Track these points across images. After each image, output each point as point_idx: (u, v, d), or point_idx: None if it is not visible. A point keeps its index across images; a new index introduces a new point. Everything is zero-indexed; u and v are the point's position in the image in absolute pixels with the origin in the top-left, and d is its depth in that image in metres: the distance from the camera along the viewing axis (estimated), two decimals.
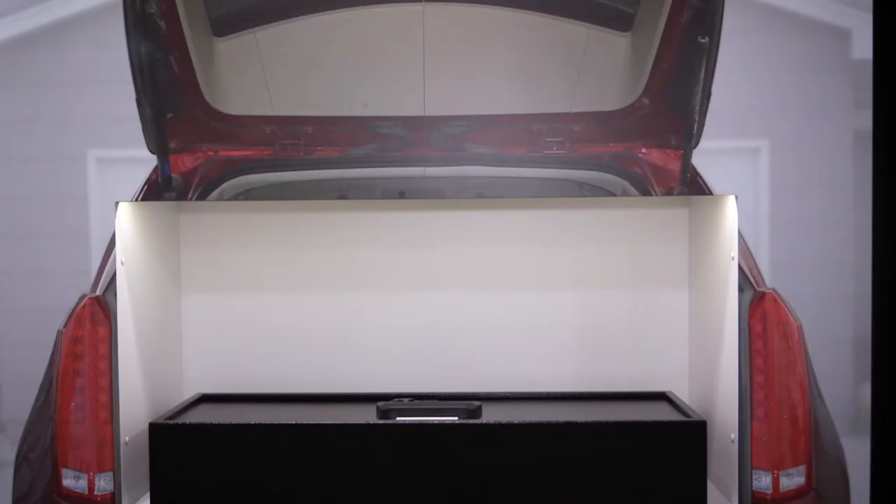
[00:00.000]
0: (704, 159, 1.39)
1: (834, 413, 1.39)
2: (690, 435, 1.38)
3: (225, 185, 1.43)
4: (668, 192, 1.41)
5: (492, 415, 1.45)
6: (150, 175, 1.41)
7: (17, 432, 1.41)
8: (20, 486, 1.40)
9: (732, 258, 1.39)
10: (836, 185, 1.39)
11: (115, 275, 1.40)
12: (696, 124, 1.38)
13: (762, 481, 1.37)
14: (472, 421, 1.40)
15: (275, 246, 1.68)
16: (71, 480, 1.38)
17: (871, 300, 1.40)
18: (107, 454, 1.38)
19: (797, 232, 1.39)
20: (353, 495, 1.38)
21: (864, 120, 1.40)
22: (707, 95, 1.37)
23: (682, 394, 1.65)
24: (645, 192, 1.41)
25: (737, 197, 1.38)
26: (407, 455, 1.37)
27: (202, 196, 1.42)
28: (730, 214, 1.40)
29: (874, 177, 1.39)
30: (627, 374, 1.67)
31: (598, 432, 1.37)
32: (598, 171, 1.42)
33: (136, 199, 1.41)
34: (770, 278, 1.38)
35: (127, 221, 1.45)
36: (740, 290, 1.38)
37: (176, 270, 1.67)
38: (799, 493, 1.37)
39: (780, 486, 1.36)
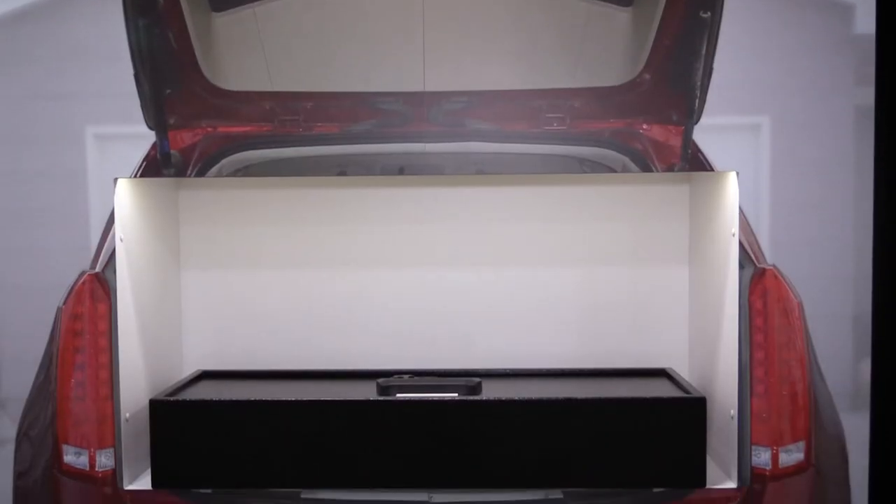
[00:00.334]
0: (706, 135, 1.38)
1: (833, 390, 1.39)
2: (690, 411, 1.38)
3: (224, 161, 1.42)
4: (669, 169, 1.40)
5: (492, 391, 1.45)
6: (149, 151, 1.40)
7: (17, 409, 1.41)
8: (21, 462, 1.41)
9: (733, 234, 1.39)
10: (838, 161, 1.38)
11: (114, 251, 1.40)
12: (697, 100, 1.37)
13: (761, 457, 1.37)
14: (472, 397, 1.40)
15: (274, 222, 1.68)
16: (72, 457, 1.38)
17: (872, 277, 1.39)
18: (107, 430, 1.39)
19: (798, 208, 1.39)
20: (353, 471, 1.38)
21: (867, 96, 1.39)
22: (709, 71, 1.37)
23: (682, 370, 1.66)
24: (646, 168, 1.40)
25: (738, 173, 1.38)
26: (407, 431, 1.38)
27: (201, 172, 1.42)
28: (731, 191, 1.40)
29: (876, 153, 1.39)
30: (627, 351, 1.67)
31: (597, 409, 1.38)
32: (599, 147, 1.41)
33: (135, 176, 1.41)
34: (770, 255, 1.38)
35: (126, 198, 1.44)
36: (741, 266, 1.38)
37: (175, 247, 1.67)
38: (798, 468, 1.37)
39: (780, 461, 1.37)
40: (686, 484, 1.38)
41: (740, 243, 1.38)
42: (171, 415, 1.40)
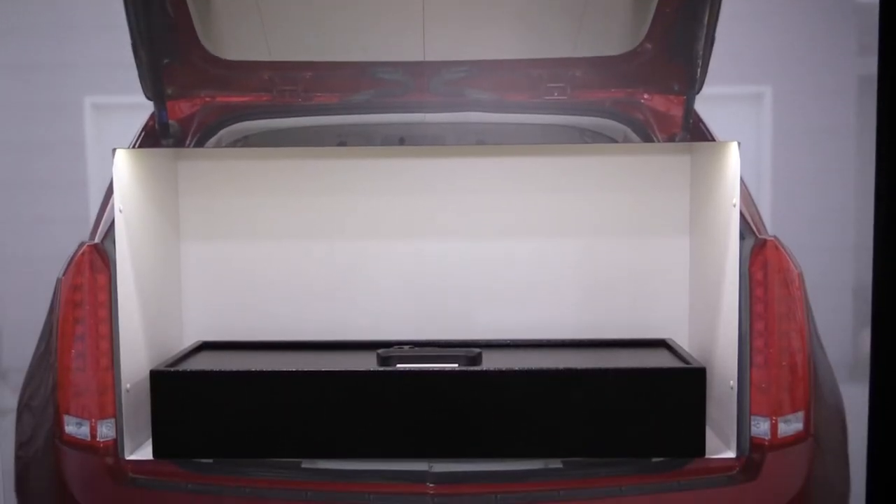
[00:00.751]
0: (707, 105, 1.37)
1: (833, 360, 1.39)
2: (690, 382, 1.38)
3: (223, 131, 1.42)
4: (671, 139, 1.39)
5: (492, 362, 1.45)
6: (147, 122, 1.40)
7: (17, 380, 1.41)
8: (23, 432, 1.41)
9: (734, 205, 1.39)
10: (840, 131, 1.37)
11: (113, 222, 1.40)
12: (699, 70, 1.37)
13: (760, 427, 1.38)
14: (472, 368, 1.40)
15: (274, 193, 1.68)
16: (73, 427, 1.39)
17: (873, 247, 1.39)
18: (108, 401, 1.39)
19: (799, 179, 1.38)
20: (353, 441, 1.39)
21: (869, 66, 1.38)
22: (710, 40, 1.36)
23: (682, 341, 1.66)
24: (647, 138, 1.40)
25: (739, 143, 1.37)
26: (407, 402, 1.38)
27: (200, 143, 1.41)
28: (732, 161, 1.40)
29: (878, 123, 1.38)
30: (627, 322, 1.67)
31: (597, 379, 1.38)
32: (600, 117, 1.41)
33: (134, 147, 1.40)
34: (771, 225, 1.38)
35: (124, 169, 1.44)
36: (741, 237, 1.38)
37: (175, 218, 1.67)
38: (797, 438, 1.38)
39: (779, 431, 1.37)
40: (685, 454, 1.38)
41: (741, 214, 1.38)
42: (172, 385, 1.40)
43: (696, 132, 1.38)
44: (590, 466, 1.39)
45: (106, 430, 1.39)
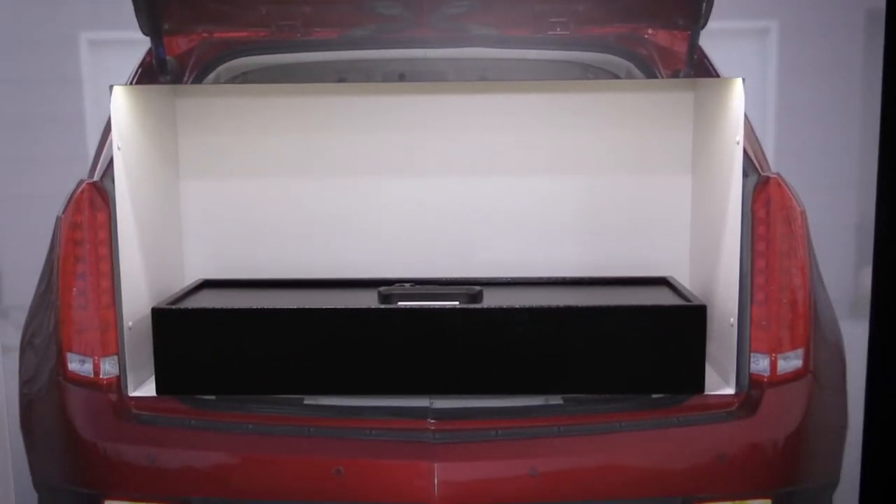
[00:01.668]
0: (712, 41, 1.35)
1: (834, 297, 1.39)
2: (690, 319, 1.39)
3: (221, 67, 1.40)
4: (674, 75, 1.38)
5: (493, 299, 1.45)
6: (145, 58, 1.38)
7: (19, 318, 1.42)
8: (26, 370, 1.42)
9: (737, 142, 1.38)
10: (846, 67, 1.35)
11: (112, 160, 1.39)
12: (704, 4, 1.34)
13: (760, 364, 1.38)
14: (473, 305, 1.41)
15: (273, 131, 1.67)
16: (76, 364, 1.40)
17: (876, 184, 1.38)
18: (110, 338, 1.40)
19: (804, 116, 1.37)
20: (355, 378, 1.40)
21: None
22: None
23: (683, 279, 1.66)
24: (650, 74, 1.38)
25: (744, 80, 1.36)
26: (408, 339, 1.39)
27: (198, 79, 1.40)
28: (736, 98, 1.38)
29: (885, 58, 1.36)
30: (628, 259, 1.67)
31: (598, 316, 1.38)
32: (603, 52, 1.39)
33: (131, 83, 1.38)
34: (774, 162, 1.37)
35: (122, 106, 1.43)
36: (744, 174, 1.37)
37: (174, 156, 1.66)
38: (796, 375, 1.39)
39: (778, 368, 1.38)
40: (685, 390, 1.39)
41: (744, 151, 1.37)
42: (173, 323, 1.41)
43: (700, 68, 1.37)
44: (589, 403, 1.40)
45: (109, 367, 1.40)
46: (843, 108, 1.37)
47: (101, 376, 1.40)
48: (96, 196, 1.39)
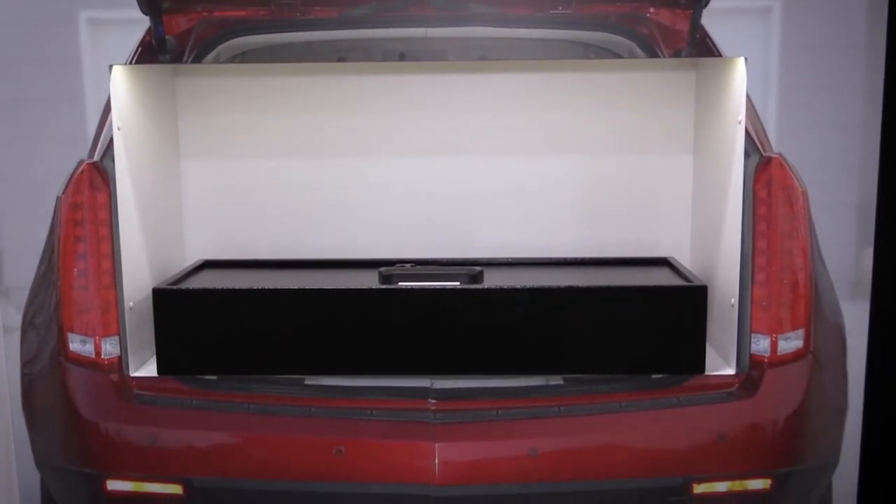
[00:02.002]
0: (714, 19, 1.35)
1: (835, 277, 1.39)
2: (691, 299, 1.39)
3: (221, 47, 1.39)
4: (676, 54, 1.37)
5: (493, 280, 1.45)
6: (144, 37, 1.37)
7: (20, 298, 1.42)
8: (27, 350, 1.42)
9: (739, 122, 1.37)
10: (849, 47, 1.35)
11: (112, 140, 1.39)
12: None
13: (760, 344, 1.38)
14: (473, 286, 1.41)
15: (273, 111, 1.66)
16: (78, 345, 1.40)
17: (879, 165, 1.38)
18: (111, 319, 1.40)
19: (806, 95, 1.36)
20: (356, 358, 1.40)
21: None
22: None
23: (684, 259, 1.66)
24: (652, 53, 1.37)
25: (746, 59, 1.35)
26: (409, 320, 1.39)
27: (198, 59, 1.39)
28: (738, 77, 1.37)
29: (888, 37, 1.35)
30: (629, 240, 1.67)
31: (599, 297, 1.38)
32: (605, 31, 1.38)
33: (130, 63, 1.38)
34: (777, 142, 1.36)
35: (122, 86, 1.42)
36: (746, 154, 1.37)
37: (174, 136, 1.66)
38: (797, 356, 1.39)
39: (778, 349, 1.38)
40: (685, 370, 1.40)
41: (746, 131, 1.36)
42: (175, 303, 1.41)
43: (702, 47, 1.36)
44: (590, 383, 1.41)
45: (110, 348, 1.41)
46: (846, 87, 1.36)
47: (102, 357, 1.40)
48: (96, 176, 1.38)
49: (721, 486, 1.40)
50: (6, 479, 1.47)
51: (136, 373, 1.43)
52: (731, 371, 1.41)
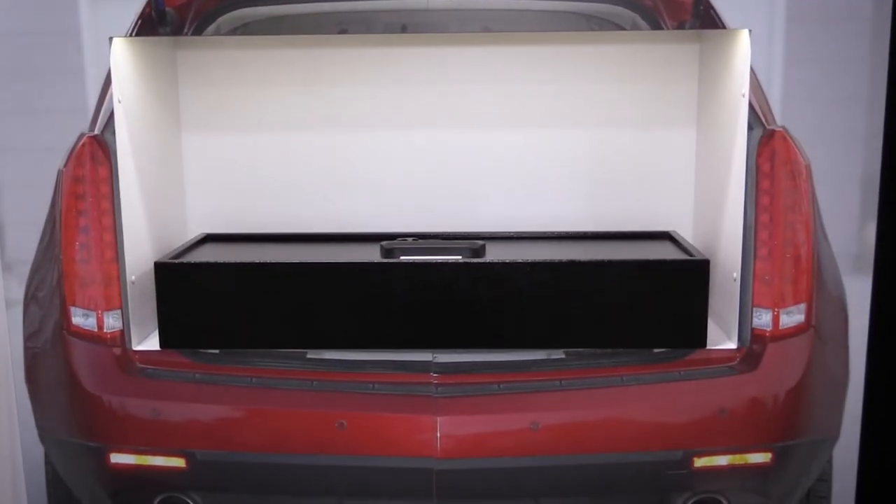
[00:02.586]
0: None
1: (837, 251, 1.39)
2: (693, 273, 1.38)
3: (221, 18, 1.38)
4: (680, 26, 1.36)
5: (495, 254, 1.45)
6: (144, 9, 1.36)
7: (22, 271, 1.42)
8: (30, 324, 1.43)
9: (743, 95, 1.36)
10: (855, 19, 1.34)
11: (112, 113, 1.38)
12: None
13: (762, 319, 1.38)
14: (475, 260, 1.40)
15: (275, 83, 1.65)
16: (80, 318, 1.40)
17: (883, 138, 1.37)
18: (114, 292, 1.40)
19: (811, 68, 1.35)
20: (358, 332, 1.40)
21: None
22: None
23: (687, 233, 1.65)
24: (655, 25, 1.36)
25: (750, 31, 1.34)
26: (410, 293, 1.39)
27: (198, 31, 1.38)
28: (742, 50, 1.36)
29: (894, 10, 1.34)
30: (632, 214, 1.66)
31: (601, 271, 1.38)
32: (608, 2, 1.37)
33: (130, 35, 1.37)
34: (780, 115, 1.35)
35: (122, 58, 1.41)
36: (749, 128, 1.36)
37: (175, 109, 1.65)
38: (798, 330, 1.39)
39: (780, 323, 1.38)
40: (687, 345, 1.40)
41: (750, 104, 1.35)
42: (177, 277, 1.41)
43: (706, 19, 1.35)
44: (591, 357, 1.41)
45: (112, 322, 1.41)
46: (851, 59, 1.35)
47: (104, 330, 1.41)
48: (97, 150, 1.38)
49: (722, 460, 1.41)
50: (10, 453, 1.48)
51: (138, 346, 1.44)
52: (732, 345, 1.41)
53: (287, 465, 1.41)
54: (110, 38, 1.37)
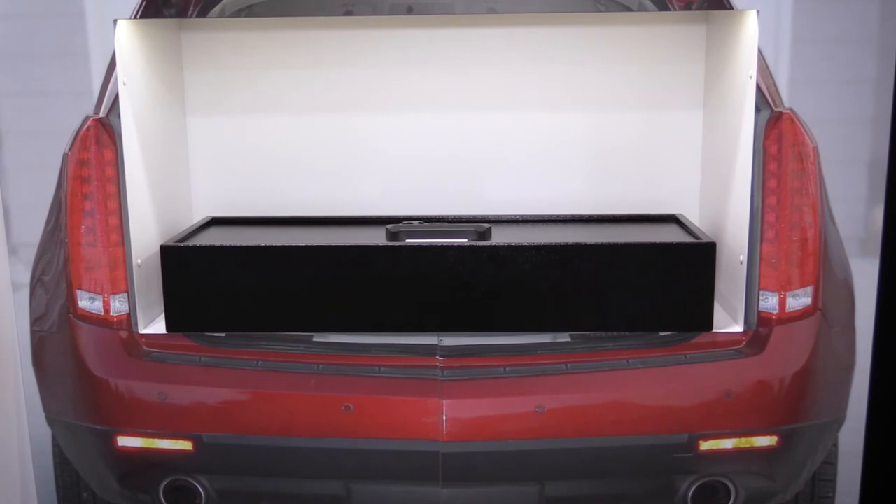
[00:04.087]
0: None
1: (844, 234, 1.38)
2: (699, 256, 1.38)
3: (226, 0, 1.38)
4: (687, 7, 1.35)
5: (501, 237, 1.45)
6: None
7: (29, 255, 1.42)
8: (36, 307, 1.43)
9: (750, 77, 1.35)
10: (863, 0, 1.33)
11: (117, 96, 1.38)
12: None
13: (769, 302, 1.38)
14: (481, 243, 1.40)
15: (280, 66, 1.65)
16: (86, 302, 1.41)
17: (891, 120, 1.36)
18: (120, 276, 1.40)
19: (819, 49, 1.34)
20: (364, 316, 1.40)
21: None
22: None
23: (693, 216, 1.65)
24: (662, 6, 1.35)
25: (758, 12, 1.33)
26: (416, 277, 1.39)
27: (202, 13, 1.38)
28: (750, 31, 1.35)
29: None
30: (638, 196, 1.66)
31: (607, 254, 1.38)
32: None
33: (135, 17, 1.37)
34: (788, 97, 1.35)
35: (127, 40, 1.41)
36: (757, 109, 1.35)
37: (180, 92, 1.65)
38: (805, 313, 1.39)
39: (787, 306, 1.38)
40: (693, 328, 1.39)
41: (757, 86, 1.35)
42: (183, 260, 1.41)
43: (713, 0, 1.34)
44: (597, 340, 1.41)
45: (119, 305, 1.41)
46: (859, 41, 1.34)
47: (111, 314, 1.41)
48: (102, 133, 1.38)
49: (727, 444, 1.41)
50: (17, 435, 1.48)
51: (144, 330, 1.44)
52: (738, 328, 1.41)
53: (293, 448, 1.42)
54: (115, 21, 1.36)
